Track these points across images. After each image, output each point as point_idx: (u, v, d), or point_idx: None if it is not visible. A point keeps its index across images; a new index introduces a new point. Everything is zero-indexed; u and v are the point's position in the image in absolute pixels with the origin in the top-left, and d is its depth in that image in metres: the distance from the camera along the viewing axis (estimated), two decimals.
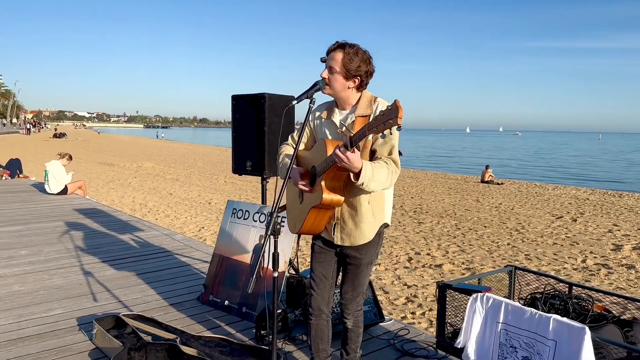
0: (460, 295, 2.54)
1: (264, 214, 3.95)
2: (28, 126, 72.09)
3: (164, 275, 4.93)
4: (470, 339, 2.30)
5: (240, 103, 3.94)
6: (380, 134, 2.03)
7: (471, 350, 2.30)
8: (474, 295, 2.31)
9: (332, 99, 2.57)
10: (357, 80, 2.42)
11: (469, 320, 2.31)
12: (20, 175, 13.65)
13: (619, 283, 6.94)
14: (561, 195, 17.75)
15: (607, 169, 37.38)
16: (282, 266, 3.69)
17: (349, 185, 2.37)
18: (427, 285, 6.70)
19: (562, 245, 9.31)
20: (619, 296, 2.53)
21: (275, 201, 2.25)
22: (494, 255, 8.42)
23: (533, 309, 2.12)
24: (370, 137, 2.33)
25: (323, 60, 2.47)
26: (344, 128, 2.40)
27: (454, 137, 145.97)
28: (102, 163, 25.58)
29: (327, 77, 2.41)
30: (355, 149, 2.15)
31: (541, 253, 8.65)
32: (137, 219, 8.02)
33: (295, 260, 3.07)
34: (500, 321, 2.22)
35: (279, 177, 2.67)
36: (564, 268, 7.71)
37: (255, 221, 3.98)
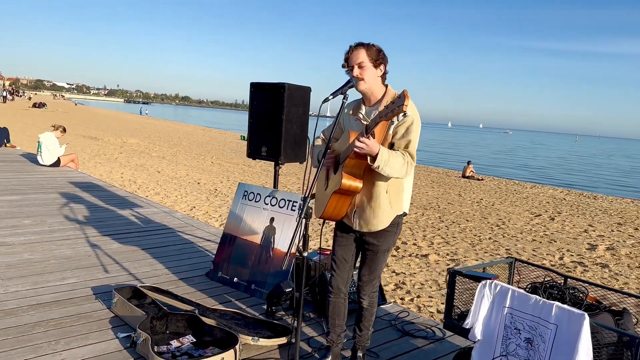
0: (464, 280, 2.79)
1: (276, 197, 4.15)
2: (4, 94, 70.29)
3: (169, 251, 5.10)
4: (477, 320, 2.56)
5: (259, 91, 4.12)
6: (390, 121, 2.27)
7: (478, 330, 2.56)
8: (483, 282, 2.56)
9: (359, 97, 2.78)
10: (382, 68, 2.67)
11: (477, 304, 2.57)
12: (8, 145, 13.53)
13: (594, 280, 7.32)
14: (539, 194, 18.29)
15: (576, 171, 38.32)
16: (293, 248, 3.90)
17: (369, 173, 2.59)
18: (415, 273, 6.99)
19: (540, 242, 9.72)
20: (609, 289, 2.82)
21: (309, 187, 2.45)
22: (477, 248, 8.77)
23: (537, 296, 2.38)
24: (390, 130, 2.56)
25: (344, 66, 2.68)
26: (361, 117, 2.63)
27: (435, 131, 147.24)
28: (86, 136, 25.33)
29: (358, 73, 2.62)
30: (370, 136, 2.38)
31: (521, 249, 9.03)
32: (133, 195, 8.13)
33: (319, 242, 3.30)
34: (507, 305, 2.47)
35: (312, 166, 2.87)
36: (543, 264, 8.09)
37: (267, 204, 4.18)
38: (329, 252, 4.27)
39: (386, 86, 2.71)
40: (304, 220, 2.45)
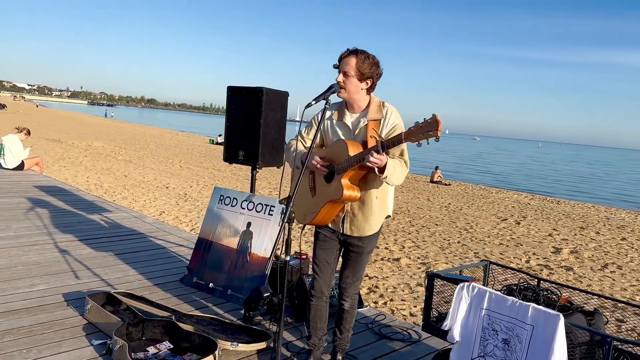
0: (442, 283, 2.85)
1: (253, 202, 4.14)
2: None
3: (142, 257, 5.02)
4: (456, 322, 2.61)
5: (236, 95, 4.12)
6: (417, 143, 2.31)
7: (456, 332, 2.61)
8: (461, 285, 2.62)
9: (340, 100, 2.81)
10: (369, 82, 2.68)
11: (455, 306, 2.62)
12: None
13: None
14: (504, 199, 18.72)
15: (537, 177, 39.41)
16: (270, 253, 3.90)
17: (361, 182, 2.64)
18: (387, 277, 7.06)
19: (507, 246, 9.95)
20: (580, 290, 2.92)
21: (293, 189, 2.46)
22: (446, 252, 8.92)
23: (514, 298, 2.45)
24: (383, 136, 2.60)
25: (336, 67, 2.71)
26: (368, 132, 2.63)
27: None
28: (49, 139, 24.64)
29: (342, 80, 2.65)
30: (385, 153, 2.42)
31: (489, 252, 9.23)
32: (102, 199, 7.96)
33: (299, 247, 3.30)
34: (484, 307, 2.54)
35: (290, 168, 2.88)
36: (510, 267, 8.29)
37: (244, 209, 4.17)
38: (305, 257, 4.29)
39: (370, 96, 2.74)
40: (287, 224, 2.46)
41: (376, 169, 2.48)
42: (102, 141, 26.81)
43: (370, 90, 2.72)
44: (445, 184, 21.88)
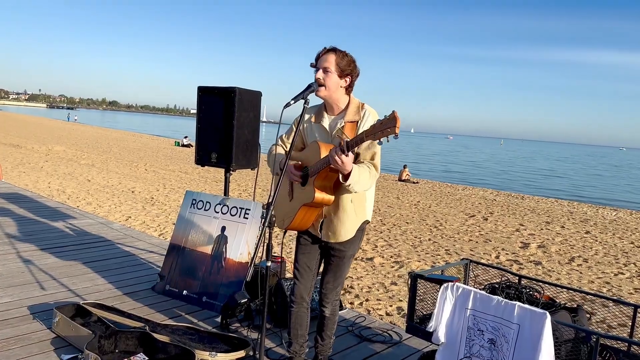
0: (425, 283, 2.82)
1: (227, 205, 4.03)
2: None
3: (110, 265, 4.83)
4: (440, 323, 2.58)
5: (208, 95, 3.99)
6: (378, 140, 2.24)
7: (441, 333, 2.58)
8: (445, 285, 2.59)
9: (320, 102, 2.74)
10: (348, 80, 2.63)
11: (440, 307, 2.59)
12: None
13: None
14: (471, 196, 19.02)
15: (498, 173, 40.33)
16: (246, 256, 3.80)
17: (335, 186, 2.56)
18: (361, 277, 7.03)
19: (477, 242, 10.08)
20: (561, 287, 2.93)
21: (273, 195, 2.38)
22: (418, 249, 8.96)
23: (499, 297, 2.43)
24: (345, 136, 2.54)
25: (313, 65, 2.64)
26: (340, 133, 2.59)
27: None
28: (6, 144, 23.75)
29: (321, 77, 2.58)
30: (350, 153, 2.35)
31: (459, 249, 9.32)
32: (66, 206, 7.67)
33: (280, 252, 3.21)
34: (469, 307, 2.51)
35: (273, 174, 2.79)
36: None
37: (217, 212, 4.05)
38: (279, 260, 4.20)
39: (349, 95, 2.69)
40: (267, 229, 2.37)
41: (340, 176, 2.43)
42: (63, 145, 26.01)
43: (349, 89, 2.66)
44: (413, 182, 22.09)
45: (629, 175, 50.39)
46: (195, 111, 4.14)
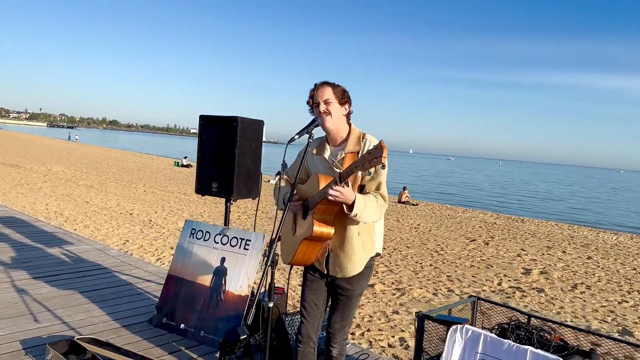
0: (432, 324, 2.72)
1: (227, 236, 3.94)
2: None
3: (106, 295, 4.72)
4: None
5: (209, 124, 3.94)
6: (367, 171, 2.20)
7: None
8: (454, 327, 2.49)
9: (322, 135, 2.70)
10: (347, 107, 2.62)
11: (448, 350, 2.49)
12: None
13: (533, 306, 7.55)
14: (471, 219, 18.93)
15: (490, 194, 40.28)
16: (246, 289, 3.70)
17: (340, 217, 2.49)
18: (362, 305, 6.90)
19: (478, 268, 9.95)
20: (572, 327, 2.83)
21: (276, 232, 2.30)
22: (419, 276, 8.84)
23: (510, 341, 2.33)
24: (359, 173, 2.48)
25: (309, 103, 2.62)
26: (333, 164, 2.54)
27: None
28: (5, 164, 23.68)
29: (325, 108, 2.54)
30: (345, 184, 2.29)
31: (461, 275, 9.19)
32: (63, 230, 7.56)
33: (287, 289, 3.11)
34: (479, 351, 2.41)
35: (278, 209, 2.72)
36: (483, 290, 8.26)
37: (217, 243, 3.96)
38: (281, 291, 4.09)
39: (350, 125, 2.65)
40: (269, 268, 2.29)
41: (344, 206, 2.36)
42: (62, 165, 25.95)
43: (349, 118, 2.65)
44: (413, 204, 22.00)
45: (628, 198, 50.37)
46: (195, 131, 4.10)
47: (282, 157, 2.42)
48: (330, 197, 2.29)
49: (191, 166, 33.32)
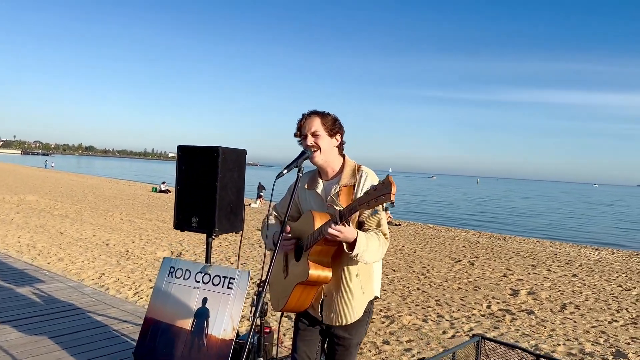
0: None
1: (209, 274, 3.69)
2: None
3: (80, 339, 4.40)
4: None
5: (188, 155, 3.71)
6: (372, 209, 2.00)
7: None
8: None
9: (314, 168, 2.50)
10: (339, 138, 2.43)
11: None
12: None
13: (524, 329, 7.38)
14: (454, 238, 18.85)
15: (469, 211, 40.54)
16: (230, 333, 3.44)
17: (336, 258, 2.28)
18: None
19: (466, 290, 9.78)
20: None
21: (266, 276, 2.08)
22: (408, 301, 8.62)
23: None
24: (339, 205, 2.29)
25: (297, 135, 2.42)
26: (332, 201, 2.33)
27: None
28: None
29: (313, 142, 2.35)
30: (346, 223, 2.09)
31: (449, 299, 9.01)
32: (34, 267, 7.18)
33: (278, 340, 2.87)
34: None
35: (267, 250, 2.50)
36: (473, 314, 8.07)
37: (198, 282, 3.70)
38: (268, 330, 3.84)
39: (343, 156, 2.46)
40: (258, 319, 2.06)
41: (345, 245, 2.16)
42: (36, 194, 25.24)
43: (341, 148, 2.45)
44: (396, 224, 21.87)
45: (604, 212, 51.17)
46: (173, 155, 3.87)
47: (270, 197, 2.21)
48: (329, 237, 2.08)
49: (169, 191, 32.80)
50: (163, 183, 34.66)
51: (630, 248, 20.94)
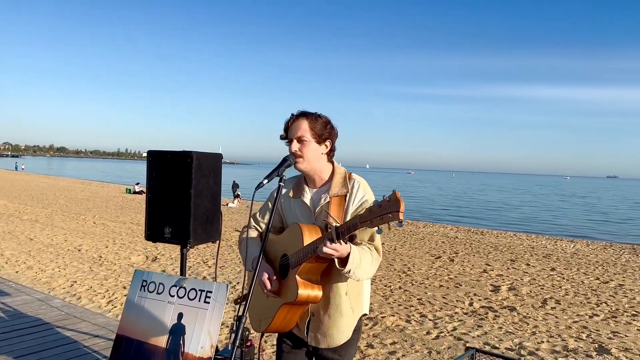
0: None
1: (184, 287, 3.46)
2: None
3: (48, 358, 4.12)
4: None
5: (159, 161, 3.47)
6: (377, 228, 1.80)
7: None
8: None
9: (298, 173, 2.30)
10: (329, 144, 2.22)
11: None
12: None
13: (507, 327, 7.32)
14: (433, 234, 18.88)
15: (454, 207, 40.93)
16: (208, 350, 3.23)
17: (324, 275, 2.09)
18: None
19: (448, 288, 9.72)
20: None
21: (246, 301, 1.88)
22: (390, 301, 8.50)
23: None
24: (348, 216, 2.10)
25: (283, 137, 2.21)
26: (325, 215, 2.13)
27: None
28: None
29: (297, 149, 2.15)
30: (343, 241, 1.89)
31: (432, 297, 8.92)
32: (0, 279, 6.81)
33: (258, 357, 2.67)
34: None
35: (246, 269, 2.29)
36: (456, 312, 8.00)
37: (173, 296, 3.47)
38: (250, 344, 3.64)
39: (332, 163, 2.26)
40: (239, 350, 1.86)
41: (336, 262, 1.97)
42: (4, 198, 24.45)
43: (330, 155, 2.24)
44: None
45: (577, 204, 52.16)
46: (147, 154, 3.62)
47: (250, 209, 2.01)
48: (323, 255, 1.89)
49: (144, 192, 32.16)
50: (137, 184, 33.97)
51: (603, 240, 21.32)
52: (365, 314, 2.31)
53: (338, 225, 1.92)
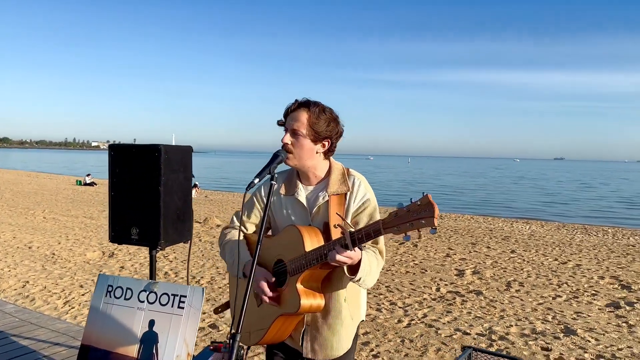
0: None
1: (155, 292, 3.20)
2: None
3: None
4: None
5: (123, 155, 3.17)
6: (404, 234, 1.62)
7: None
8: None
9: (289, 168, 2.09)
10: (327, 143, 2.01)
11: None
12: None
13: (475, 312, 7.37)
14: None
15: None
16: (186, 359, 3.00)
17: (324, 281, 1.91)
18: None
19: (414, 274, 9.74)
20: None
21: (240, 315, 1.67)
22: None
23: None
24: (348, 218, 1.92)
25: (281, 124, 1.99)
26: (339, 220, 1.91)
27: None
28: None
29: (289, 142, 1.94)
30: (357, 248, 1.71)
31: (399, 284, 8.91)
32: None
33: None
34: None
35: (232, 275, 2.07)
36: (424, 299, 8.00)
37: (142, 302, 3.20)
38: (222, 346, 3.42)
39: (329, 160, 2.06)
40: None
41: (346, 269, 1.79)
42: None
43: (329, 153, 2.04)
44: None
45: (527, 185, 53.94)
46: (97, 144, 3.32)
47: (240, 213, 1.79)
48: (334, 264, 1.70)
49: (95, 184, 31.04)
50: (88, 175, 32.71)
51: (555, 221, 22.04)
52: (362, 320, 2.15)
53: (353, 230, 1.72)
